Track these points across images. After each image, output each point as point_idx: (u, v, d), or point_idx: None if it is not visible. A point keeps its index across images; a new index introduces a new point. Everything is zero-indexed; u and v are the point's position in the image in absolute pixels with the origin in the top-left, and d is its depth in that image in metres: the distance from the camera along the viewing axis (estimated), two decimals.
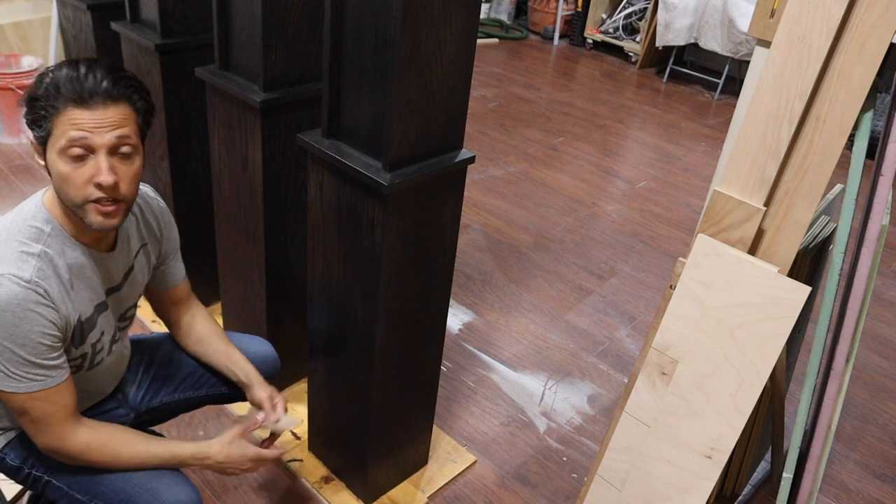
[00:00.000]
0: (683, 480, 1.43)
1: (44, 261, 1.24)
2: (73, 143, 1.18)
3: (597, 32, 5.80)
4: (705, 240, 1.39)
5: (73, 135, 1.18)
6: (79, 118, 1.18)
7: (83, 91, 1.18)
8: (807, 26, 1.26)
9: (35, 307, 1.21)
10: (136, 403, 1.60)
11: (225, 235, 2.17)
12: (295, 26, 1.79)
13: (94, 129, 1.19)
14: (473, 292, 2.89)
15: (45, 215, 1.27)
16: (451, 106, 1.52)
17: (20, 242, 1.23)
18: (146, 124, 1.29)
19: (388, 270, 1.58)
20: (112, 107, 1.20)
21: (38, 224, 1.26)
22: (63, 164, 1.20)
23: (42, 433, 1.30)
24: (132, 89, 1.24)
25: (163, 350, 1.66)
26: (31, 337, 1.21)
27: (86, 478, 1.38)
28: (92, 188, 1.21)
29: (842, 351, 1.53)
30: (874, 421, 2.43)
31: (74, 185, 1.21)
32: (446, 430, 2.23)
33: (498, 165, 3.92)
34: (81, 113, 1.18)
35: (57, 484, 1.40)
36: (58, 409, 1.28)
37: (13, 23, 3.94)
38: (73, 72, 1.19)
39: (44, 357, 1.24)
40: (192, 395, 1.67)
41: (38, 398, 1.26)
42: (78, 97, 1.18)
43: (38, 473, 1.41)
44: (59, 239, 1.27)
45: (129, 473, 1.37)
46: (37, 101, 1.20)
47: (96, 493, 1.37)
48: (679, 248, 3.32)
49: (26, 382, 1.24)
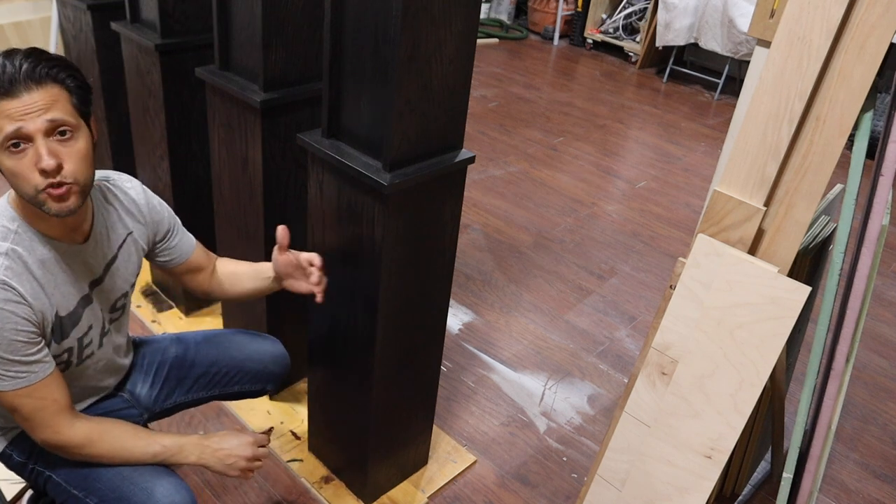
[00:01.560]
0: (683, 480, 1.43)
1: (12, 259, 1.23)
2: (8, 137, 1.16)
3: (597, 32, 5.80)
4: (705, 240, 1.39)
5: (7, 128, 1.16)
6: (8, 109, 1.16)
7: (4, 81, 1.15)
8: (807, 26, 1.26)
9: (5, 305, 1.20)
10: (150, 404, 1.61)
11: (225, 235, 2.17)
12: (295, 26, 1.79)
13: (23, 116, 1.16)
14: (473, 292, 2.89)
15: (11, 214, 1.27)
16: (451, 106, 1.53)
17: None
18: (82, 103, 1.24)
19: (388, 270, 1.58)
20: (37, 90, 1.17)
21: (4, 223, 1.26)
22: (7, 159, 1.18)
23: (37, 429, 1.30)
24: (56, 69, 1.20)
25: (175, 351, 1.67)
26: (4, 335, 1.21)
27: (83, 473, 1.38)
28: (38, 176, 1.19)
29: (842, 351, 1.53)
30: (874, 421, 2.43)
31: (23, 177, 1.19)
32: (446, 430, 2.23)
33: (498, 165, 3.92)
34: (10, 103, 1.15)
35: (56, 479, 1.41)
36: (47, 405, 1.29)
37: (13, 23, 3.94)
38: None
39: (21, 354, 1.23)
40: (206, 394, 1.68)
41: (24, 395, 1.26)
42: (1, 89, 1.15)
43: (40, 468, 1.42)
44: (27, 236, 1.27)
45: (126, 471, 1.37)
46: None
47: (92, 490, 1.38)
48: (679, 248, 3.32)
49: (9, 381, 1.24)
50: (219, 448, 1.45)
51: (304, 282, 1.61)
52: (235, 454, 1.46)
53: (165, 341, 1.69)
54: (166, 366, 1.64)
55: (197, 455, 1.44)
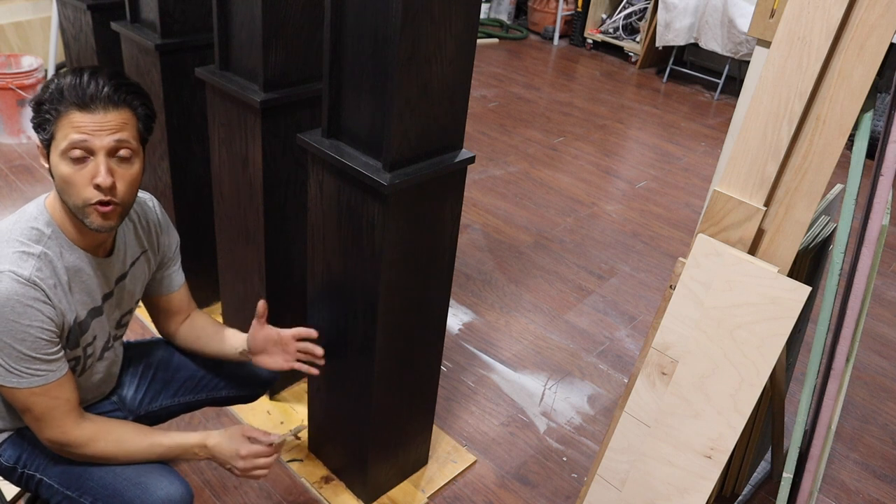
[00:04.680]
0: (683, 480, 1.43)
1: (43, 261, 1.27)
2: (74, 146, 1.22)
3: (597, 32, 5.80)
4: (705, 240, 1.39)
5: (74, 137, 1.22)
6: (80, 121, 1.22)
7: (85, 96, 1.22)
8: (807, 26, 1.26)
9: (34, 303, 1.24)
10: (135, 407, 1.61)
11: (225, 235, 2.17)
12: (295, 26, 1.79)
13: (94, 131, 1.23)
14: (473, 292, 2.89)
15: (47, 218, 1.31)
16: (451, 106, 1.52)
17: (21, 243, 1.27)
18: (147, 130, 1.32)
19: (388, 271, 1.58)
20: (113, 111, 1.24)
21: (39, 226, 1.29)
22: (65, 167, 1.24)
23: (47, 428, 1.32)
24: (133, 95, 1.28)
25: (161, 354, 1.67)
26: (31, 332, 1.23)
27: (76, 473, 1.39)
28: (91, 190, 1.24)
29: (842, 351, 1.53)
30: (874, 421, 2.43)
31: (75, 187, 1.24)
32: (446, 430, 2.23)
33: (498, 165, 3.92)
34: (83, 117, 1.22)
35: (48, 482, 1.41)
36: (60, 404, 1.31)
37: (13, 23, 3.94)
38: (77, 78, 1.23)
39: (43, 352, 1.26)
40: (192, 398, 1.68)
41: (40, 393, 1.28)
42: (80, 101, 1.22)
43: (30, 472, 1.42)
44: (58, 241, 1.30)
45: (119, 469, 1.38)
46: (42, 105, 1.25)
47: (86, 489, 1.38)
48: (679, 248, 3.32)
49: (28, 378, 1.26)
50: (219, 453, 1.45)
51: (279, 357, 1.60)
52: (230, 463, 1.46)
53: (152, 343, 1.70)
54: (152, 368, 1.64)
55: (202, 456, 1.46)
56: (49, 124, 1.24)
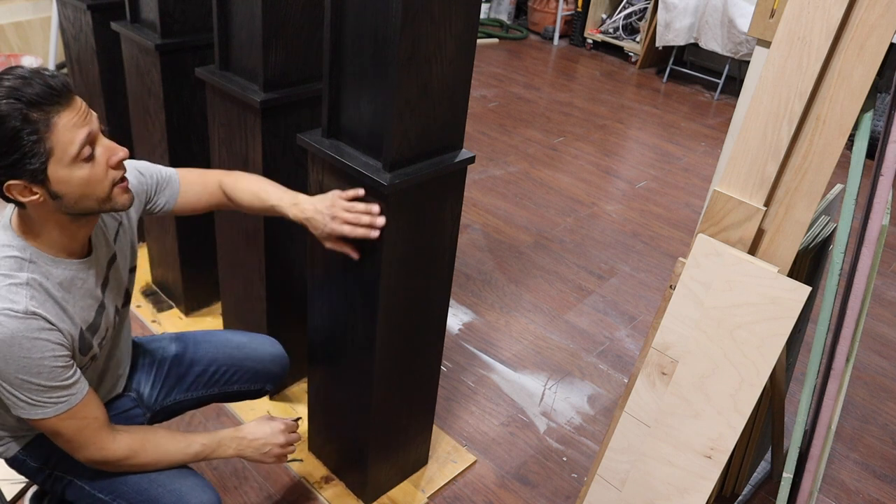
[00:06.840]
0: (683, 480, 1.43)
1: (33, 288, 1.22)
2: (85, 142, 1.17)
3: (597, 32, 5.80)
4: (705, 240, 1.39)
5: (82, 135, 1.16)
6: (72, 119, 1.15)
7: (61, 92, 1.14)
8: (807, 26, 1.26)
9: (39, 334, 1.20)
10: (151, 403, 1.62)
11: (225, 235, 2.17)
12: (295, 26, 1.79)
13: (84, 121, 1.17)
14: (473, 292, 2.89)
15: (20, 243, 1.23)
16: (451, 106, 1.52)
17: (4, 276, 1.20)
18: None
19: (388, 270, 1.58)
20: (75, 94, 1.18)
21: (14, 254, 1.22)
22: (80, 170, 1.18)
23: (81, 449, 1.31)
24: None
25: (174, 349, 1.67)
26: (45, 363, 1.21)
27: (109, 476, 1.39)
28: (111, 172, 1.21)
29: (842, 351, 1.53)
30: (874, 421, 2.43)
31: (98, 181, 1.20)
32: (446, 430, 2.23)
33: (498, 165, 3.92)
34: (69, 113, 1.15)
35: (79, 483, 1.41)
36: (89, 423, 1.29)
37: (13, 23, 3.94)
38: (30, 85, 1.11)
39: (61, 379, 1.24)
40: (205, 393, 1.69)
41: (67, 417, 1.27)
42: (59, 100, 1.14)
43: (59, 473, 1.42)
44: (40, 262, 1.24)
45: (154, 475, 1.38)
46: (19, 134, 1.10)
47: (119, 493, 1.38)
48: (679, 248, 3.32)
49: (52, 407, 1.24)
50: (254, 438, 1.47)
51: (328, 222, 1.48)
52: (271, 442, 1.49)
53: (165, 340, 1.70)
54: (166, 364, 1.65)
55: (234, 448, 1.47)
56: (40, 145, 1.12)
